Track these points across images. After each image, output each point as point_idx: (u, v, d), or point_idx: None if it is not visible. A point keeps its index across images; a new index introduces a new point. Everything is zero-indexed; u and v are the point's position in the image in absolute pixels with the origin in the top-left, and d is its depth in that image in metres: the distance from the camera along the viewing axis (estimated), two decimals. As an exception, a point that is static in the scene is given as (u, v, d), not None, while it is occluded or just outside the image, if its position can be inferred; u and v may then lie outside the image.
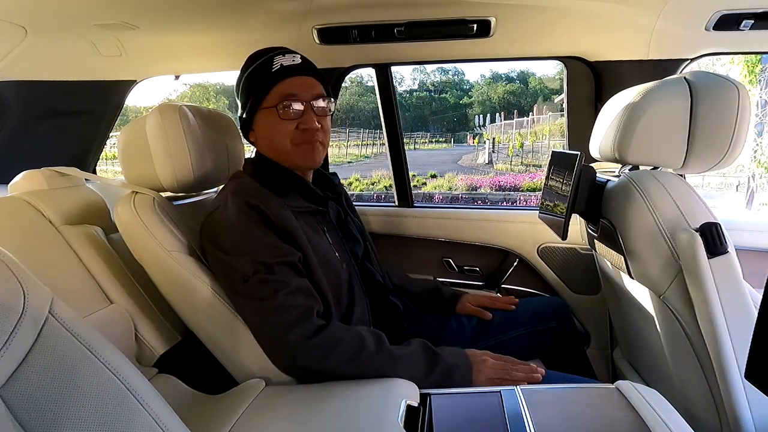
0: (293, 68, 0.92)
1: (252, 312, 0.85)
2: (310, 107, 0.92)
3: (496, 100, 35.45)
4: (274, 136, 0.93)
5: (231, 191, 0.89)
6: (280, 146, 0.93)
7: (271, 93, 0.92)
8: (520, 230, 1.54)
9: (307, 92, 0.92)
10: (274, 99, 0.91)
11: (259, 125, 0.95)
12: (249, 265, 0.83)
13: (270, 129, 0.93)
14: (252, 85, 0.94)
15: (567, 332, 1.18)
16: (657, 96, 0.88)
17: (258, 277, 0.82)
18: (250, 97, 0.94)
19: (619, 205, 0.92)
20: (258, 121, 0.95)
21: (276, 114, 0.91)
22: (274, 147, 0.95)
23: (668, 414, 0.68)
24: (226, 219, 0.86)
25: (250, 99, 0.94)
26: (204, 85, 26.74)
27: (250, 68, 0.95)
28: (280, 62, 0.92)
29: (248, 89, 0.95)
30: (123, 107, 1.75)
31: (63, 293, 0.88)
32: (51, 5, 1.19)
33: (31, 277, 0.45)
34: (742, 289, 0.81)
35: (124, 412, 0.45)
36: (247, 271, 0.82)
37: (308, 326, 0.82)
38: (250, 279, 0.82)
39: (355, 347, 0.83)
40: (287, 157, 0.94)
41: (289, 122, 0.92)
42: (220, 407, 0.82)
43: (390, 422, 0.69)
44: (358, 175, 12.43)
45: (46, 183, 1.04)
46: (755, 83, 6.43)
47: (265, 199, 0.87)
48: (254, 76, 0.94)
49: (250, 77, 0.95)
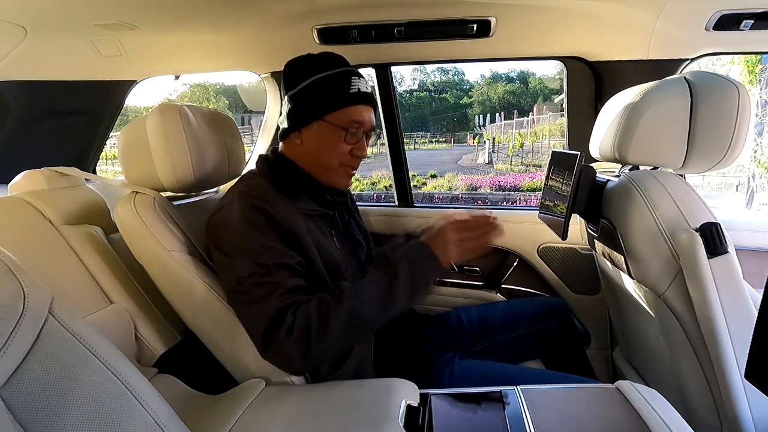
0: (367, 97, 0.95)
1: (245, 315, 0.83)
2: (365, 136, 0.96)
3: (496, 100, 35.43)
4: (326, 151, 0.93)
5: (239, 192, 0.88)
6: (327, 162, 0.94)
7: (341, 112, 0.92)
8: (520, 230, 1.54)
9: (369, 123, 0.95)
10: (344, 121, 0.92)
11: (313, 134, 0.93)
12: (246, 267, 0.82)
13: (326, 144, 0.93)
14: (324, 93, 0.92)
15: (567, 332, 1.18)
16: (657, 96, 0.88)
17: (253, 279, 0.81)
18: (318, 103, 0.92)
19: (619, 205, 0.92)
20: (314, 129, 0.93)
21: (340, 134, 0.92)
22: (320, 160, 0.94)
23: (668, 414, 0.68)
24: (228, 220, 0.85)
25: (316, 105, 0.92)
26: (204, 85, 26.73)
27: (323, 74, 0.92)
28: (358, 86, 0.93)
29: (317, 96, 0.92)
30: (123, 107, 1.75)
31: (63, 293, 0.88)
32: (51, 5, 1.19)
33: (31, 277, 0.45)
34: (742, 289, 0.81)
35: (124, 412, 0.45)
36: (244, 272, 0.82)
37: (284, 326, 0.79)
38: (245, 281, 0.82)
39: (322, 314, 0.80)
40: (327, 173, 0.95)
41: (348, 146, 0.93)
42: (220, 407, 0.82)
43: (390, 422, 0.69)
44: (358, 175, 12.39)
45: (46, 183, 1.04)
46: (755, 83, 6.42)
47: (273, 201, 0.86)
48: (327, 87, 0.92)
49: (321, 84, 0.92)
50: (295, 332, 0.77)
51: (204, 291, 0.89)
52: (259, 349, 0.82)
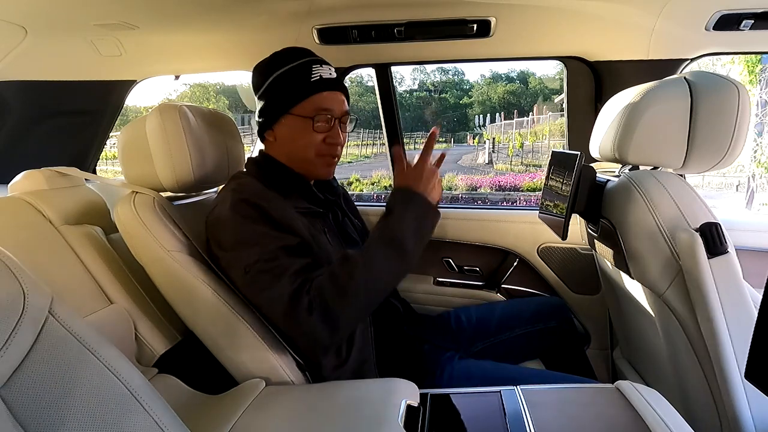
0: (331, 82, 0.94)
1: (261, 304, 0.84)
2: (338, 122, 0.95)
3: (496, 100, 35.44)
4: (299, 144, 0.94)
5: (232, 189, 0.89)
6: (302, 154, 0.94)
7: (306, 102, 0.92)
8: (520, 230, 1.54)
9: (339, 108, 0.95)
10: (309, 110, 0.92)
11: (284, 129, 0.95)
12: (250, 256, 0.82)
13: (297, 136, 0.94)
14: (286, 87, 0.93)
15: (567, 332, 1.18)
16: (657, 96, 0.88)
17: (258, 266, 0.81)
18: (282, 98, 0.93)
19: (619, 205, 0.92)
20: (284, 124, 0.94)
21: (308, 124, 0.92)
22: (295, 153, 0.95)
23: (668, 414, 0.68)
24: (224, 216, 0.86)
25: (281, 100, 0.93)
26: (204, 85, 26.73)
27: (283, 69, 0.93)
28: (320, 73, 0.93)
29: (280, 90, 0.93)
30: (123, 107, 1.75)
31: (63, 293, 0.88)
32: (51, 5, 1.19)
33: (31, 277, 0.45)
34: (742, 289, 0.81)
35: (124, 412, 0.45)
36: (249, 260, 0.82)
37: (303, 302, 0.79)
38: (251, 268, 0.82)
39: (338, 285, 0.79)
40: (306, 165, 0.95)
41: (319, 134, 0.93)
42: (220, 407, 0.82)
43: (390, 422, 0.69)
44: (358, 175, 12.42)
45: (46, 183, 1.04)
46: (755, 83, 6.42)
47: (265, 197, 0.87)
48: (289, 80, 0.93)
49: (283, 79, 0.93)
50: (315, 310, 0.78)
51: (204, 291, 0.89)
52: (283, 334, 0.83)
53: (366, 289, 0.80)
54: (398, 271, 0.83)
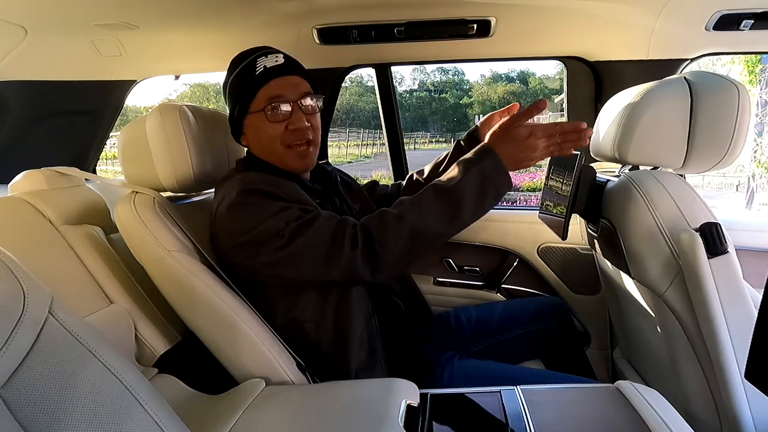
0: (277, 69, 0.92)
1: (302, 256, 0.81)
2: (298, 107, 0.92)
3: (496, 100, 35.41)
4: (264, 140, 0.93)
5: (238, 180, 0.88)
6: (271, 149, 0.94)
7: (257, 96, 0.91)
8: (520, 230, 1.54)
9: (293, 92, 0.92)
10: (261, 102, 0.91)
11: (249, 129, 0.95)
12: (279, 221, 0.81)
13: (260, 132, 0.93)
14: (237, 89, 0.94)
15: (567, 332, 1.18)
16: (657, 96, 0.88)
17: (292, 226, 0.81)
18: (237, 102, 0.94)
19: (619, 205, 0.92)
20: (247, 125, 0.95)
21: (264, 117, 0.91)
22: (266, 150, 0.95)
23: (668, 414, 0.68)
24: (236, 204, 0.85)
25: (237, 104, 0.94)
26: (204, 85, 26.68)
27: (234, 72, 0.95)
28: (264, 64, 0.91)
29: (234, 94, 0.95)
30: (123, 107, 1.75)
31: (63, 293, 0.88)
32: (51, 5, 1.19)
33: (31, 277, 0.45)
34: (742, 289, 0.81)
35: (124, 412, 0.45)
36: (280, 224, 0.81)
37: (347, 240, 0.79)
38: (284, 230, 0.81)
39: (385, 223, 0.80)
40: (279, 159, 0.94)
41: (278, 124, 0.91)
42: (220, 407, 0.82)
43: (390, 422, 0.69)
44: (358, 175, 12.42)
45: (46, 183, 1.04)
46: (755, 83, 6.42)
47: (274, 183, 0.87)
48: (239, 81, 0.94)
49: (234, 82, 0.95)
50: (359, 245, 0.78)
51: (204, 291, 0.89)
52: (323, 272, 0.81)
53: (412, 235, 0.79)
54: (450, 224, 0.81)
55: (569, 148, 0.83)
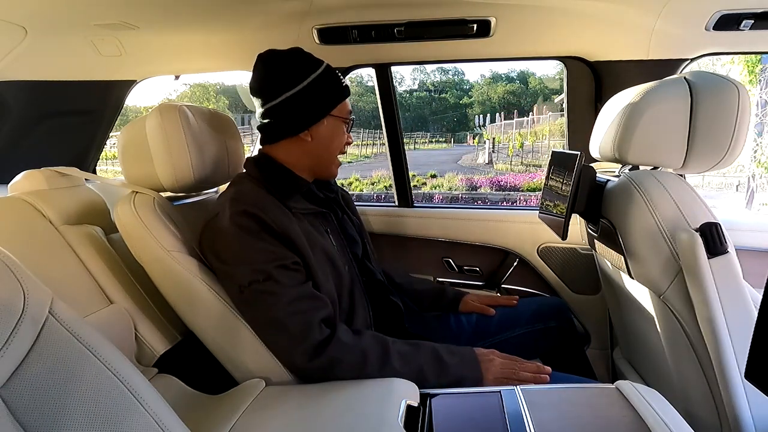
0: (349, 89, 1.00)
1: (253, 323, 0.87)
2: None
3: (496, 100, 35.43)
4: (335, 144, 0.98)
5: (230, 198, 0.89)
6: (333, 153, 0.99)
7: (342, 105, 0.97)
8: (520, 230, 1.54)
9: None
10: (344, 112, 0.98)
11: (324, 128, 0.96)
12: (246, 274, 0.83)
13: (335, 136, 0.98)
14: (328, 89, 0.96)
15: (567, 332, 1.18)
16: (657, 96, 0.88)
17: (254, 287, 0.83)
18: (324, 99, 0.95)
19: (619, 205, 0.92)
20: (325, 124, 0.96)
21: (342, 126, 0.98)
22: (328, 153, 0.98)
23: (668, 414, 0.68)
24: (222, 228, 0.86)
25: (322, 101, 0.95)
26: (204, 85, 26.72)
27: (318, 71, 0.95)
28: (343, 80, 0.99)
29: (323, 92, 0.95)
30: (123, 107, 1.75)
31: (63, 293, 0.88)
32: (51, 5, 1.19)
33: (31, 277, 0.45)
34: (742, 289, 0.81)
35: (124, 412, 0.45)
36: (244, 280, 0.83)
37: (307, 345, 0.82)
38: (246, 289, 0.83)
39: (356, 365, 0.84)
40: (330, 165, 1.00)
41: (346, 135, 1.00)
42: (220, 407, 0.82)
43: (390, 422, 0.69)
44: (358, 175, 12.43)
45: (46, 183, 1.04)
46: (755, 83, 6.42)
47: (264, 206, 0.87)
48: (326, 81, 0.95)
49: (320, 79, 0.94)
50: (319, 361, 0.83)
51: (204, 291, 0.89)
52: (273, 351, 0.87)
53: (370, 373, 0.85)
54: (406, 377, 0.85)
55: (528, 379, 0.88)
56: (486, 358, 0.89)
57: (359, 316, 0.96)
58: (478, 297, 1.23)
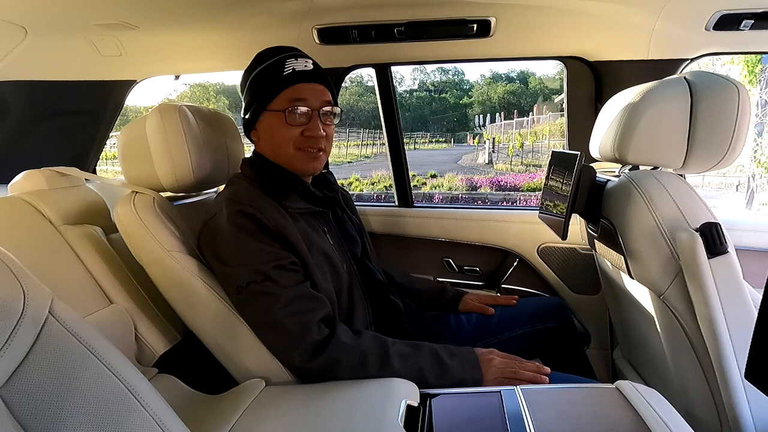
0: (305, 74, 0.92)
1: (252, 323, 0.87)
2: (317, 114, 0.93)
3: (496, 100, 35.44)
4: (277, 140, 0.93)
5: (227, 198, 0.89)
6: (281, 150, 0.93)
7: (279, 96, 0.91)
8: (520, 230, 1.54)
9: (316, 99, 0.92)
10: (282, 103, 0.91)
11: (263, 126, 0.95)
12: (244, 275, 0.83)
13: (274, 132, 0.93)
14: (260, 85, 0.93)
15: (566, 332, 1.18)
16: (657, 96, 0.88)
17: (252, 287, 0.83)
18: (257, 97, 0.93)
19: (619, 205, 0.92)
20: (262, 121, 0.94)
21: (282, 118, 0.91)
22: (276, 149, 0.95)
23: (668, 414, 0.68)
24: (219, 228, 0.86)
25: (257, 99, 0.93)
26: (204, 85, 26.74)
27: (260, 67, 0.94)
28: (293, 66, 0.92)
29: (256, 89, 0.94)
30: (123, 107, 1.75)
31: (63, 293, 0.88)
32: (51, 5, 1.19)
33: (31, 277, 0.45)
34: (742, 289, 0.81)
35: (124, 412, 0.45)
36: (242, 281, 0.83)
37: (306, 345, 0.82)
38: (244, 290, 0.83)
39: (355, 366, 0.84)
40: (288, 161, 0.94)
41: (295, 128, 0.92)
42: (220, 407, 0.82)
43: (390, 422, 0.69)
44: (358, 175, 12.43)
45: (46, 183, 1.04)
46: (755, 83, 6.42)
47: (261, 206, 0.87)
48: (264, 77, 0.93)
49: (258, 77, 0.94)
50: (318, 362, 0.82)
51: (204, 291, 0.89)
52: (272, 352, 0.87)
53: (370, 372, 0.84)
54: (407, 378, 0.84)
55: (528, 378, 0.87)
56: (486, 358, 0.89)
57: (359, 315, 0.96)
58: (478, 297, 1.22)
